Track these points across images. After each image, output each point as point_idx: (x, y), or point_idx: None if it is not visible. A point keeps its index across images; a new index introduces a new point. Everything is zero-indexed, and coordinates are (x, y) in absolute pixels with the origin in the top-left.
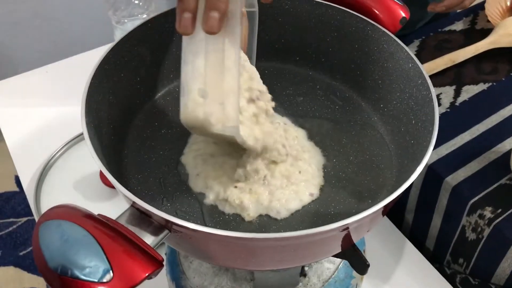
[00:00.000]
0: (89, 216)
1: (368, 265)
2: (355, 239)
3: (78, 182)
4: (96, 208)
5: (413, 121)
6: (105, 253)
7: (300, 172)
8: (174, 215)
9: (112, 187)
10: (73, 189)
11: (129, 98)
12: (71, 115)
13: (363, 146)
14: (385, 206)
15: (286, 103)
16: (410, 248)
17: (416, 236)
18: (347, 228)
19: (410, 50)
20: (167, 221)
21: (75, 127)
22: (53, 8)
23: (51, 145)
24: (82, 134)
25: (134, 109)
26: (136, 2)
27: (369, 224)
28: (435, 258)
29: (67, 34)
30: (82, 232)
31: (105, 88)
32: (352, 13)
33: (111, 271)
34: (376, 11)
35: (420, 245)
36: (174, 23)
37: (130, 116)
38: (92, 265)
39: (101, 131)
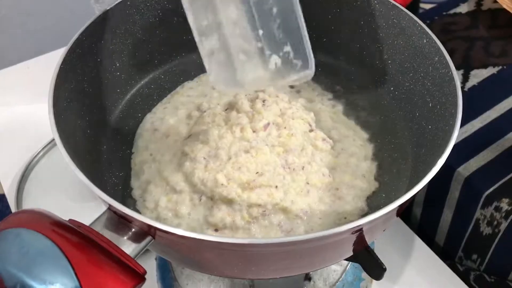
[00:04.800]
0: (56, 223)
1: (385, 269)
2: (369, 240)
3: (63, 182)
4: (82, 209)
5: (430, 104)
6: (73, 268)
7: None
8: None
9: None
10: (57, 190)
11: (108, 86)
12: None
13: (373, 134)
14: (403, 204)
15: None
16: (419, 244)
17: (425, 231)
18: (361, 229)
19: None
20: (150, 226)
21: None
22: (35, 3)
23: (34, 144)
24: None
25: (113, 100)
26: None
27: (383, 224)
28: (446, 254)
29: (50, 30)
30: (46, 242)
31: (78, 74)
32: None
33: None
34: None
35: (429, 241)
36: (157, 1)
37: (109, 108)
38: (57, 282)
39: (74, 124)
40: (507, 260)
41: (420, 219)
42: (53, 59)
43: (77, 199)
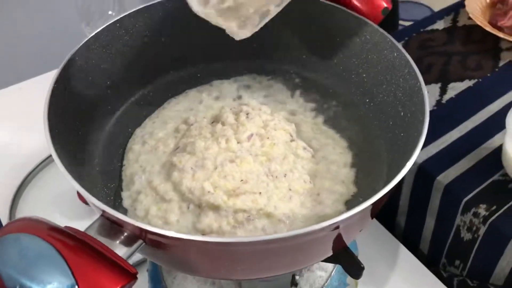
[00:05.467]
0: (53, 228)
1: (363, 268)
2: (347, 240)
3: (55, 200)
4: (74, 226)
5: (402, 113)
6: (69, 267)
7: (290, 189)
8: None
9: None
10: (50, 208)
11: (99, 103)
12: None
13: (352, 143)
14: (376, 203)
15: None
16: (404, 252)
17: (410, 239)
18: (338, 227)
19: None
20: (140, 229)
21: None
22: (27, 27)
23: (27, 164)
24: None
25: (105, 116)
26: (110, 12)
27: (360, 222)
28: (430, 261)
29: (42, 53)
30: (44, 245)
31: (71, 92)
32: (332, 5)
33: (76, 287)
34: (356, 3)
35: (414, 249)
36: (145, 22)
37: (101, 123)
38: (54, 281)
39: (68, 139)
40: (487, 264)
41: (404, 228)
42: (45, 81)
43: (70, 217)
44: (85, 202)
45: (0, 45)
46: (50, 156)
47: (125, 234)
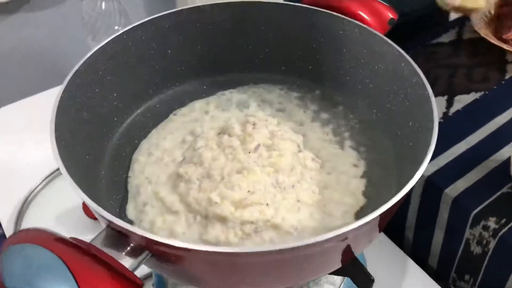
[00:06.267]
0: (59, 239)
1: (373, 280)
2: (356, 251)
3: (61, 216)
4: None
5: (410, 123)
6: (75, 278)
7: (298, 200)
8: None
9: (96, 219)
10: (55, 224)
11: (106, 115)
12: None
13: (361, 153)
14: (385, 213)
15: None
16: (412, 267)
17: (418, 253)
18: (346, 238)
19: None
20: (147, 239)
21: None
22: (33, 43)
23: (32, 179)
24: None
25: (111, 127)
26: (116, 27)
27: (369, 234)
28: (440, 276)
29: (48, 69)
30: (49, 255)
31: (78, 104)
32: (338, 16)
33: None
34: (363, 14)
35: (423, 263)
36: (151, 35)
37: (107, 135)
38: None
39: (74, 151)
40: (498, 278)
41: (413, 242)
42: (51, 96)
43: (75, 232)
44: (91, 216)
45: (7, 60)
46: (55, 171)
47: (131, 245)
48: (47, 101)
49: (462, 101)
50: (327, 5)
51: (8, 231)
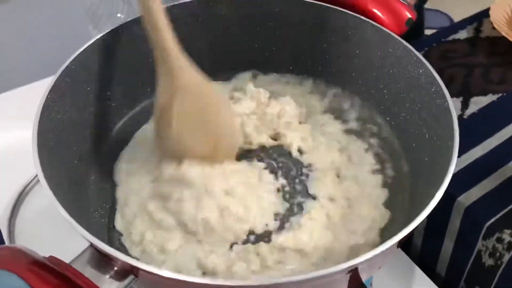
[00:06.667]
0: (34, 262)
1: None
2: (364, 278)
3: (55, 211)
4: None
5: (427, 135)
6: None
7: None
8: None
9: None
10: (50, 221)
11: (98, 117)
12: None
13: (375, 164)
14: (400, 241)
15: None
16: (420, 275)
17: (426, 262)
18: (356, 268)
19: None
20: (132, 266)
21: None
22: (34, 28)
23: (25, 173)
24: None
25: (102, 130)
26: (119, 15)
27: (382, 260)
28: (448, 285)
29: (48, 54)
30: (20, 283)
31: (67, 104)
32: (352, 14)
33: None
34: (379, 13)
35: (430, 272)
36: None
37: (98, 137)
38: None
39: (60, 155)
40: None
41: (421, 249)
42: (45, 87)
43: (70, 230)
44: None
45: (6, 47)
46: None
47: (116, 268)
48: (43, 91)
49: (478, 103)
50: (340, 2)
51: (2, 224)
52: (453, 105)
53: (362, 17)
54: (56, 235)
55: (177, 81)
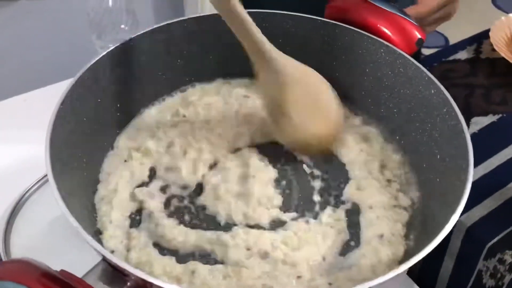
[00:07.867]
0: (45, 274)
1: None
2: None
3: (57, 218)
4: (77, 248)
5: (438, 156)
6: None
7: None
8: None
9: None
10: (48, 231)
11: (106, 127)
12: None
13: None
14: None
15: None
16: None
17: (425, 280)
18: None
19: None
20: (145, 281)
21: None
22: (36, 36)
23: (27, 180)
24: None
25: (111, 139)
26: (123, 26)
27: (390, 284)
28: None
29: (50, 63)
30: None
31: (78, 114)
32: (362, 33)
33: None
34: (389, 33)
35: None
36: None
37: (106, 148)
38: None
39: (70, 165)
40: None
41: (420, 268)
42: (51, 93)
43: (69, 241)
44: None
45: (8, 54)
46: None
47: (129, 284)
48: (46, 98)
49: (479, 123)
50: (351, 20)
51: None
52: None
53: (373, 36)
54: (54, 246)
55: (283, 75)
